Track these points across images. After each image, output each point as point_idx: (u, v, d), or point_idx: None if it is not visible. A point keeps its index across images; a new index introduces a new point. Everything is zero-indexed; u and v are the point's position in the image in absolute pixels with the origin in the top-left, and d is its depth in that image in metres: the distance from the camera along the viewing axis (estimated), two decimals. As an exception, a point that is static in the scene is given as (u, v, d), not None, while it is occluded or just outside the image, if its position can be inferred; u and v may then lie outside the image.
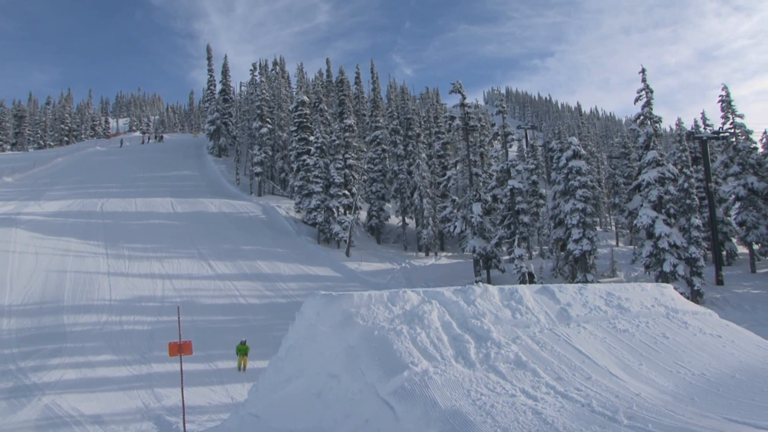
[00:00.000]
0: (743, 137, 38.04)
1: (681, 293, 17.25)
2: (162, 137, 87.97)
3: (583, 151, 34.97)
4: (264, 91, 58.73)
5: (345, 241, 40.70)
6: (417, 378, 8.00)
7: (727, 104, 37.86)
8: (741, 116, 37.89)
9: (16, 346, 20.78)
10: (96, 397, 16.52)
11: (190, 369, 16.61)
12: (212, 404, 16.20)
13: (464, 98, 38.21)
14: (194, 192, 49.28)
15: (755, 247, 36.99)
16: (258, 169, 53.51)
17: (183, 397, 10.26)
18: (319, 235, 42.18)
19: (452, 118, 39.42)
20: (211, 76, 72.20)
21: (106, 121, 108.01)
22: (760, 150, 39.36)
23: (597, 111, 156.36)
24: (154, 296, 27.73)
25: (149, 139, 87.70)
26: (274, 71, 72.33)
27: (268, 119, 56.90)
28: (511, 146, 43.02)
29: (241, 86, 74.88)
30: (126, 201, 44.09)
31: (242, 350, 20.20)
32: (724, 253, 38.01)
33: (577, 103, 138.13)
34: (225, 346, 21.91)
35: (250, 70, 65.50)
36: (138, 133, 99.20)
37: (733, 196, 37.23)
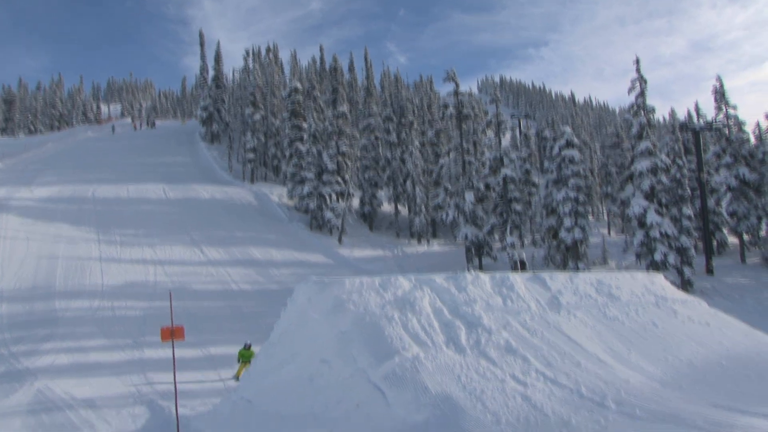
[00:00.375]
0: (736, 128, 38.18)
1: (671, 282, 17.37)
2: (154, 123, 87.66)
3: (576, 141, 35.06)
4: (257, 78, 58.53)
5: (337, 227, 40.71)
6: (408, 363, 8.07)
7: (720, 95, 37.95)
8: (734, 107, 38.03)
9: (8, 332, 20.78)
10: (88, 381, 16.54)
11: (183, 354, 16.64)
12: (204, 389, 16.26)
13: (458, 86, 38.17)
14: (186, 178, 49.13)
15: (745, 237, 37.25)
16: (250, 156, 53.39)
17: (175, 382, 10.31)
18: (312, 222, 42.17)
19: (446, 106, 39.36)
20: (203, 62, 71.90)
21: (98, 107, 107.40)
22: (753, 141, 39.51)
23: (591, 101, 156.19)
24: (146, 282, 27.71)
25: (141, 125, 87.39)
26: (267, 58, 71.92)
27: (260, 106, 56.72)
28: (504, 135, 43.04)
29: (233, 73, 74.63)
30: (118, 187, 43.94)
31: (246, 356, 17.98)
32: (715, 243, 38.25)
33: (571, 92, 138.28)
34: (217, 332, 21.97)
35: (243, 56, 65.41)
36: (129, 119, 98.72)
37: (725, 187, 37.41)
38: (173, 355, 10.50)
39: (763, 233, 36.93)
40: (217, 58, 69.52)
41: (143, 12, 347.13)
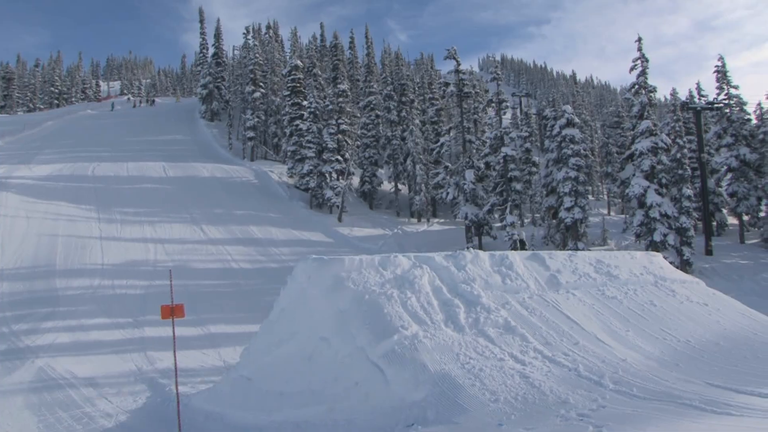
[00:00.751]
0: (737, 108, 38.03)
1: (671, 262, 17.44)
2: (154, 101, 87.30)
3: (576, 120, 34.94)
4: (257, 55, 58.19)
5: (337, 206, 40.71)
6: (407, 342, 8.12)
7: (722, 75, 37.75)
8: (736, 87, 37.83)
9: (9, 310, 20.84)
10: (89, 359, 16.64)
11: (183, 333, 16.71)
12: (205, 367, 16.34)
13: (459, 64, 37.99)
14: (186, 156, 49.04)
15: (745, 218, 37.23)
16: (250, 134, 53.26)
17: (175, 360, 10.36)
18: (312, 201, 42.16)
19: (446, 84, 39.19)
20: (203, 39, 71.37)
21: (97, 85, 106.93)
22: (754, 121, 39.35)
23: (592, 79, 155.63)
24: (147, 260, 27.76)
25: (140, 102, 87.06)
26: (267, 35, 71.54)
27: (261, 84, 56.47)
28: (505, 113, 42.91)
29: (233, 50, 74.18)
30: (117, 165, 43.85)
31: None
32: (715, 223, 38.24)
33: (573, 71, 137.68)
34: (217, 311, 22.05)
35: (243, 33, 64.76)
36: (129, 97, 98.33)
37: (725, 167, 37.34)
38: (173, 333, 10.54)
39: (762, 214, 36.89)
40: (217, 36, 69.07)
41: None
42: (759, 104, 40.72)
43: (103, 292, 23.45)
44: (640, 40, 31.72)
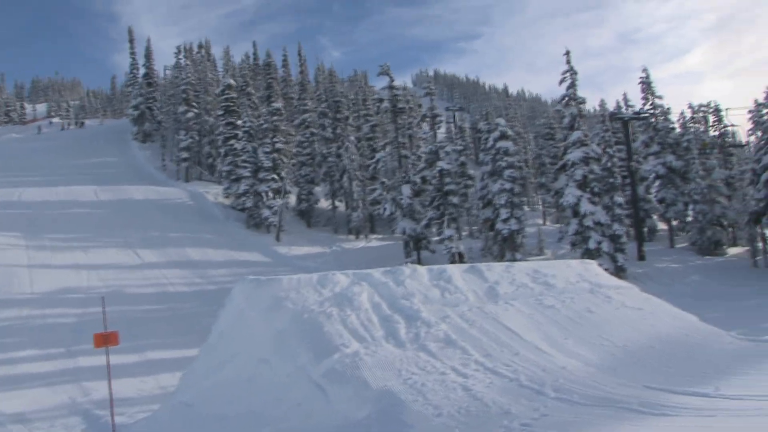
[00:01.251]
0: (662, 117, 39.53)
1: (605, 269, 17.84)
2: (83, 123, 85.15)
3: (510, 132, 35.61)
4: (189, 75, 57.36)
5: (275, 225, 40.36)
6: (348, 359, 8.06)
7: (647, 86, 39.21)
8: (660, 97, 39.37)
9: (-69, 345, 19.88)
10: (18, 394, 15.96)
11: (119, 361, 16.20)
12: (143, 395, 15.89)
13: (392, 80, 38.35)
14: (119, 179, 47.84)
15: (674, 223, 38.53)
16: (185, 155, 52.37)
17: (110, 389, 10.06)
18: (249, 220, 41.70)
19: (380, 100, 39.50)
20: (133, 59, 70.04)
21: (22, 107, 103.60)
22: (678, 130, 40.86)
23: (524, 92, 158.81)
24: (79, 287, 26.91)
25: (69, 125, 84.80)
26: (199, 54, 70.60)
27: (194, 103, 55.63)
28: (439, 128, 43.41)
29: (165, 70, 72.98)
30: (46, 190, 42.47)
31: None
32: (646, 229, 39.44)
33: (505, 84, 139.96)
34: (155, 336, 21.51)
35: (175, 53, 63.74)
36: (57, 119, 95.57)
37: (654, 175, 38.68)
38: (107, 361, 10.24)
39: (689, 218, 38.23)
40: (148, 55, 67.79)
41: (69, 7, 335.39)
42: (682, 113, 42.36)
43: (33, 323, 22.57)
44: (568, 53, 32.63)
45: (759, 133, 34.47)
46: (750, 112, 35.54)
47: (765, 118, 34.04)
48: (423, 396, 7.30)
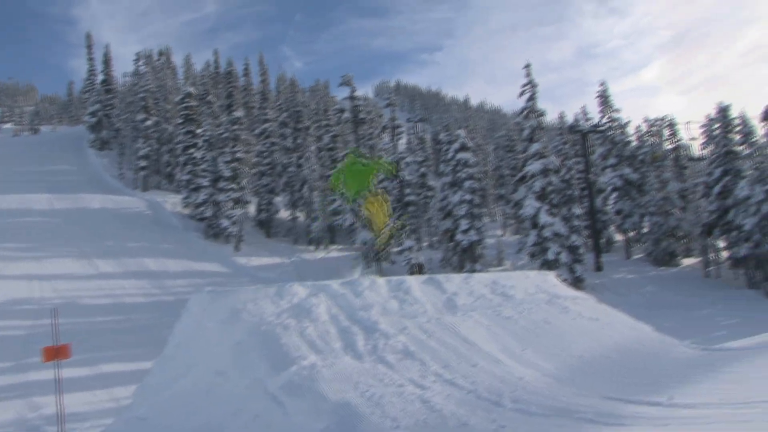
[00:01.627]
0: (619, 131, 40.31)
1: (564, 280, 18.05)
2: (38, 129, 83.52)
3: (470, 144, 35.92)
4: (149, 82, 56.65)
5: (234, 235, 39.97)
6: (305, 372, 7.99)
7: (604, 99, 39.99)
8: (617, 110, 40.23)
9: None
10: (-37, 410, 15.49)
11: (71, 374, 15.84)
12: (95, 410, 15.50)
13: (354, 91, 38.45)
14: (74, 188, 46.90)
15: (630, 234, 39.21)
16: (143, 164, 51.60)
17: (60, 404, 9.80)
18: (208, 230, 41.22)
19: (342, 110, 39.55)
20: (91, 65, 69.00)
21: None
22: (635, 143, 41.71)
23: (484, 104, 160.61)
24: (31, 299, 26.21)
25: (22, 131, 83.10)
26: (159, 61, 69.84)
27: (153, 111, 54.94)
28: (400, 139, 43.62)
29: (124, 77, 72.00)
30: (-2, 198, 41.46)
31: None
32: (603, 240, 40.09)
33: (466, 95, 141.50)
34: (110, 348, 21.05)
35: (134, 59, 62.96)
36: (9, 126, 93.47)
37: (611, 187, 39.38)
38: (57, 376, 9.97)
39: (645, 230, 38.96)
40: (107, 61, 66.80)
41: (24, 10, 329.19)
42: (638, 127, 43.26)
43: (-20, 335, 21.94)
44: (528, 66, 33.06)
45: (711, 147, 35.36)
46: (702, 126, 36.50)
47: (716, 132, 34.95)
48: (381, 408, 7.26)
